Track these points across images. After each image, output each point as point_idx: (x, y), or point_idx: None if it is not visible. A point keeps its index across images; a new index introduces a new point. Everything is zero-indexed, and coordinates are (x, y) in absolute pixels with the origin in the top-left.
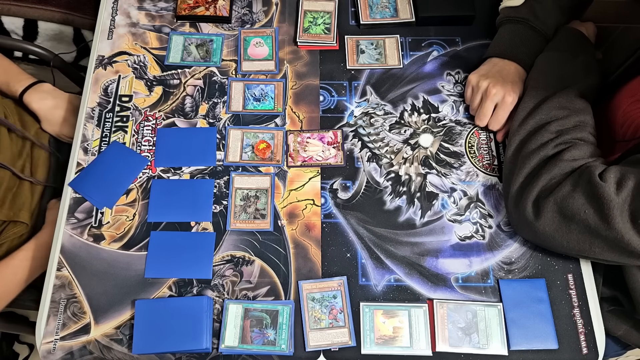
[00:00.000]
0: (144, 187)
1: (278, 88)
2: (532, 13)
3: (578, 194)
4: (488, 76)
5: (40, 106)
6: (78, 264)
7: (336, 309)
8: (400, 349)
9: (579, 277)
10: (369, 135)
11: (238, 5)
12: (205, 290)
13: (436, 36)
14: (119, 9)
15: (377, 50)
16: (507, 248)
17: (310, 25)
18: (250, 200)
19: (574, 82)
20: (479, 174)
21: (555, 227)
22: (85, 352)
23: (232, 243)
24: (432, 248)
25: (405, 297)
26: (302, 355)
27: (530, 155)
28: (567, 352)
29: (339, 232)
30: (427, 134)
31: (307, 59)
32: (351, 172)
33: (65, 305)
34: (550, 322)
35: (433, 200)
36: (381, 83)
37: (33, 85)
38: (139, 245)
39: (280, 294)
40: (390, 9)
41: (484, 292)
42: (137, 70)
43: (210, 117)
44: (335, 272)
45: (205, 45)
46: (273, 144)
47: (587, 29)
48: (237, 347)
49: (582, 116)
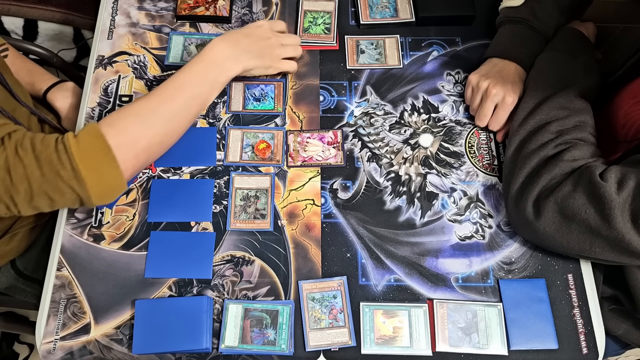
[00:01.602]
0: (144, 187)
1: (278, 88)
2: (532, 13)
3: (579, 193)
4: (488, 76)
5: (62, 104)
6: (78, 264)
7: (336, 309)
8: (400, 349)
9: (579, 277)
10: (369, 135)
11: (238, 5)
12: (205, 290)
13: (436, 36)
14: (119, 9)
15: (377, 50)
16: (507, 248)
17: (310, 25)
18: (250, 200)
19: (574, 82)
20: (479, 174)
21: (555, 227)
22: (85, 352)
23: (232, 243)
24: (432, 248)
25: (405, 297)
26: (302, 355)
27: (530, 155)
28: (567, 352)
29: (339, 232)
30: (427, 134)
31: (307, 59)
32: (351, 172)
33: (65, 305)
34: (550, 322)
35: (433, 200)
36: (381, 83)
37: (57, 84)
38: (139, 245)
39: (280, 294)
40: (390, 9)
41: (484, 292)
42: (137, 70)
43: (210, 117)
44: (335, 272)
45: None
46: (273, 144)
47: (587, 29)
48: (237, 347)
49: (582, 116)
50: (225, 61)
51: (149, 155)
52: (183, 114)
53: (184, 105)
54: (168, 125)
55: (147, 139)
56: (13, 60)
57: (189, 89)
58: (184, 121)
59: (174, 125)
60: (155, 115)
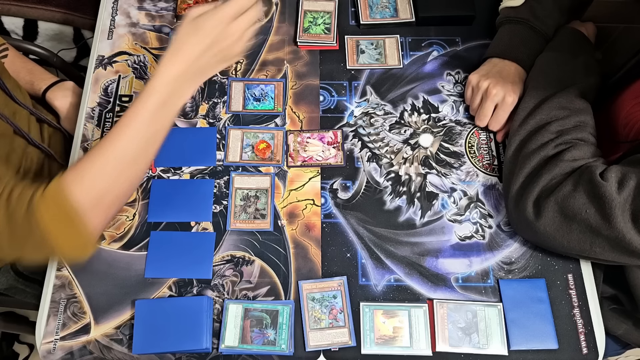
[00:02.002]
0: (144, 187)
1: (278, 88)
2: (532, 13)
3: (579, 193)
4: (488, 76)
5: (62, 103)
6: (78, 264)
7: (336, 309)
8: (400, 349)
9: (579, 277)
10: (369, 135)
11: None
12: (205, 290)
13: (436, 36)
14: (119, 9)
15: (377, 50)
16: (507, 248)
17: (310, 25)
18: (250, 200)
19: (574, 82)
20: (479, 174)
21: (555, 227)
22: (85, 352)
23: (232, 243)
24: (432, 248)
25: (405, 297)
26: (302, 355)
27: (530, 155)
28: (567, 352)
29: (339, 232)
30: (427, 134)
31: (307, 59)
32: (351, 172)
33: (65, 305)
34: (550, 322)
35: (433, 200)
36: (381, 83)
37: (56, 84)
38: (139, 245)
39: (280, 294)
40: (390, 9)
41: (484, 292)
42: (137, 70)
43: (210, 117)
44: (335, 272)
45: None
46: (273, 144)
47: (587, 29)
48: (237, 347)
49: (582, 116)
50: (181, 87)
51: (119, 204)
52: (149, 151)
53: (148, 143)
54: (135, 167)
55: (116, 189)
56: (13, 60)
57: (150, 126)
58: (150, 157)
59: (141, 166)
60: (120, 162)
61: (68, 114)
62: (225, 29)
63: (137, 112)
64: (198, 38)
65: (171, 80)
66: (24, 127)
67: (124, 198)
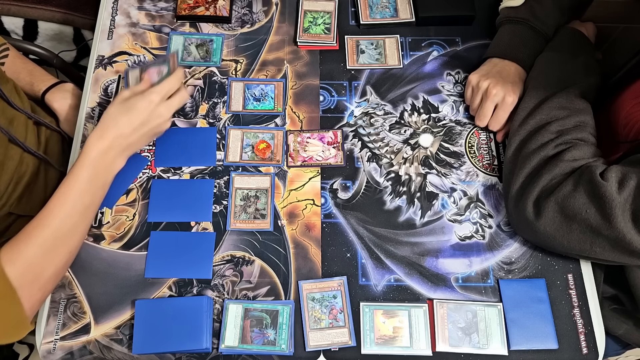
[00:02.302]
0: (144, 187)
1: (278, 88)
2: (532, 13)
3: (579, 193)
4: (488, 76)
5: (60, 105)
6: (78, 264)
7: (336, 309)
8: (400, 349)
9: (579, 277)
10: (369, 135)
11: (238, 5)
12: (205, 290)
13: (436, 36)
14: (119, 9)
15: (377, 50)
16: (507, 248)
17: (310, 25)
18: (250, 200)
19: (574, 82)
20: (479, 174)
21: (556, 227)
22: (85, 352)
23: (232, 243)
24: (432, 248)
25: (405, 297)
26: (302, 355)
27: (530, 155)
28: (567, 352)
29: (339, 232)
30: (427, 134)
31: (307, 59)
32: (351, 172)
33: (65, 305)
34: (550, 322)
35: (433, 200)
36: (381, 83)
37: (56, 85)
38: (139, 245)
39: (280, 294)
40: (390, 9)
41: (484, 292)
42: None
43: (210, 117)
44: (335, 272)
45: (205, 45)
46: (273, 144)
47: (587, 29)
48: (237, 347)
49: (582, 116)
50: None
51: (55, 280)
52: (83, 224)
53: (82, 216)
54: (71, 242)
55: (53, 266)
56: (13, 60)
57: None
58: (85, 229)
59: (77, 239)
60: (56, 239)
61: (67, 116)
62: (155, 110)
63: (71, 186)
64: (129, 118)
65: (100, 155)
66: (22, 132)
67: (63, 269)
